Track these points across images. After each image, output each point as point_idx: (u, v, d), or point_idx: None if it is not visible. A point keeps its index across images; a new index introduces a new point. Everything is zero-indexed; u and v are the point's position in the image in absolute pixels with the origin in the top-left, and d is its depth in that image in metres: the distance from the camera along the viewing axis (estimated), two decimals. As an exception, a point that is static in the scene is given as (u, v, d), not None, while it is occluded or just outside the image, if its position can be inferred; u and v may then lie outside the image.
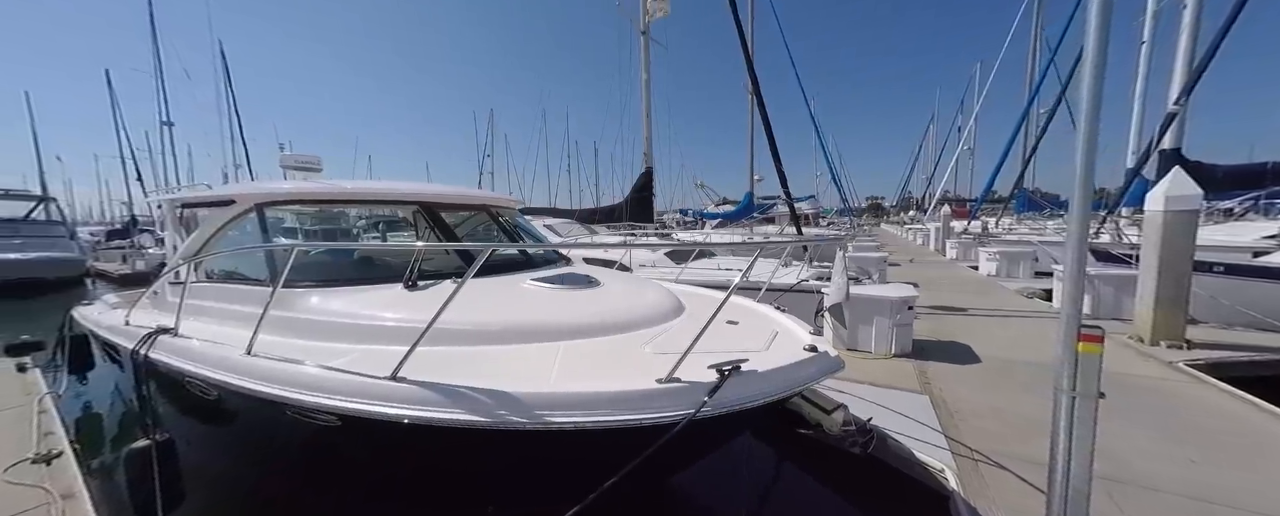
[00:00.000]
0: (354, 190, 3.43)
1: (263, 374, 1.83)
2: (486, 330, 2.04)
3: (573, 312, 2.29)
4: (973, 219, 16.18)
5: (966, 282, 8.88)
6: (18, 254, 11.81)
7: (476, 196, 4.06)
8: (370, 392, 1.60)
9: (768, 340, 2.19)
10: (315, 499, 2.47)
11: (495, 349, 1.97)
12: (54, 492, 2.31)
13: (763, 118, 6.76)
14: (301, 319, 2.25)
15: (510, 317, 2.16)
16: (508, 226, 4.05)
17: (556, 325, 2.13)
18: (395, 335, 2.01)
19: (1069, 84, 12.99)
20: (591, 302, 2.50)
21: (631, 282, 3.17)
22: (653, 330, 2.25)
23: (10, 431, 3.02)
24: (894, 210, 48.17)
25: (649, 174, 9.48)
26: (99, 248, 17.28)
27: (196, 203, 3.49)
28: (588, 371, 1.78)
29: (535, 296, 2.52)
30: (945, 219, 16.55)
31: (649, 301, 2.57)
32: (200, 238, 3.15)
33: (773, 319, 2.56)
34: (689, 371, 1.60)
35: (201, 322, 2.64)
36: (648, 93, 9.27)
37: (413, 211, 3.98)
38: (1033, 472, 2.25)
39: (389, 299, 2.39)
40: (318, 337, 2.15)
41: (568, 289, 2.62)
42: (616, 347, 2.02)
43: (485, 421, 1.48)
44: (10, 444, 2.83)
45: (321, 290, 2.45)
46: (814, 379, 1.87)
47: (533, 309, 2.33)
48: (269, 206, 3.03)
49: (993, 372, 3.87)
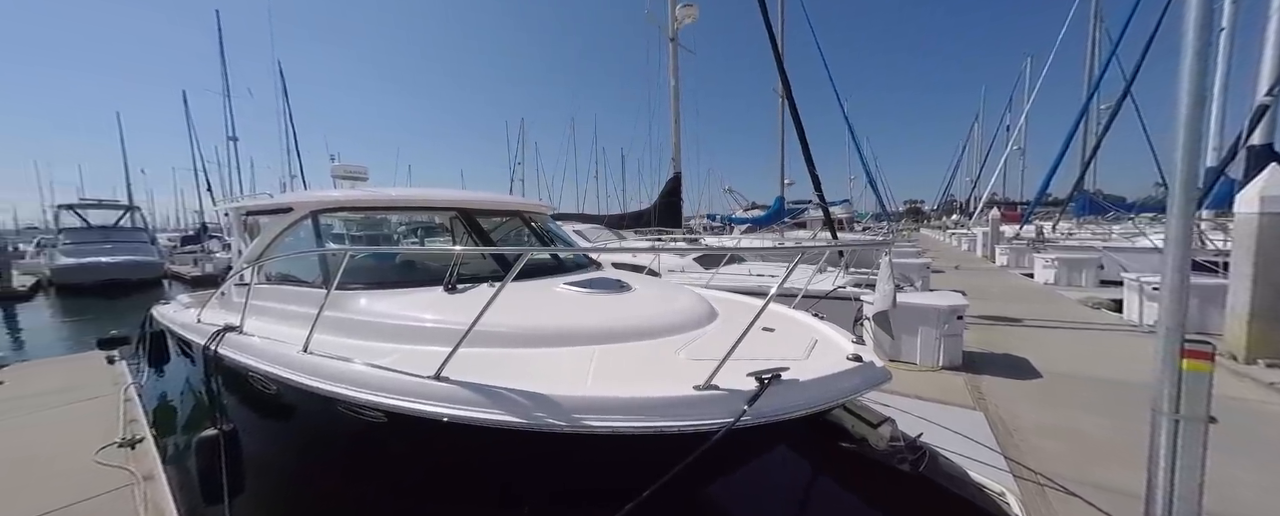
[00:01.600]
0: (398, 197, 3.60)
1: (318, 371, 1.93)
2: (523, 333, 2.07)
3: (606, 317, 2.30)
4: (1026, 223, 15.12)
5: (1021, 291, 8.28)
6: (109, 258, 13.20)
7: (510, 202, 4.18)
8: (415, 391, 1.65)
9: (807, 348, 2.11)
10: (363, 491, 2.57)
11: (531, 352, 1.99)
12: (137, 475, 2.52)
13: (794, 118, 6.60)
14: (351, 319, 2.36)
15: (545, 321, 2.19)
16: (540, 231, 4.13)
17: (590, 329, 2.14)
18: (437, 336, 2.09)
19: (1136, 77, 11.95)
20: (624, 307, 2.50)
21: (663, 288, 3.15)
22: (686, 336, 2.22)
23: (101, 417, 3.34)
24: (935, 214, 45.71)
25: (677, 179, 9.44)
26: (174, 252, 18.99)
27: (259, 210, 3.76)
28: (623, 376, 1.77)
29: (568, 300, 2.55)
30: (994, 223, 15.54)
31: (681, 307, 2.54)
32: (262, 242, 3.40)
33: (811, 327, 2.47)
34: (727, 379, 1.56)
35: (263, 321, 2.83)
36: (676, 98, 9.27)
37: (450, 217, 4.15)
38: (1112, 502, 2.04)
39: (430, 301, 2.48)
40: (366, 337, 2.26)
41: (600, 293, 2.63)
42: (650, 353, 2.00)
43: (523, 422, 1.50)
44: (101, 428, 3.12)
45: (369, 292, 2.57)
46: (859, 390, 1.78)
47: (566, 313, 2.36)
48: (322, 213, 3.23)
49: (1055, 388, 3.56)
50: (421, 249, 4.72)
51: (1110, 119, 12.89)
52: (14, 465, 2.67)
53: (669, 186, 9.33)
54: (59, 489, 2.37)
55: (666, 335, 2.19)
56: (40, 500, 2.27)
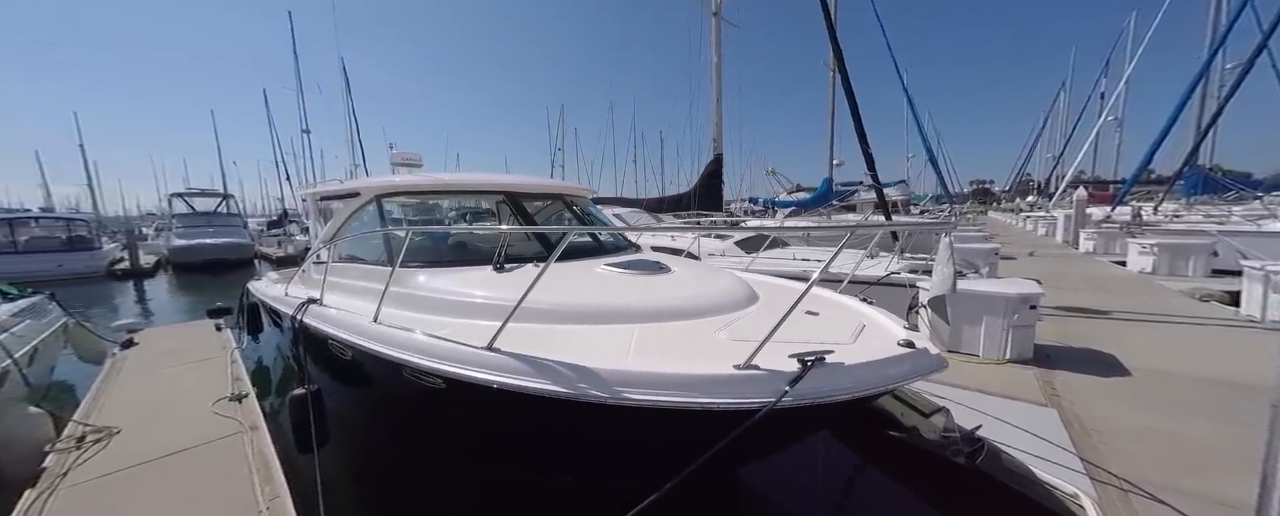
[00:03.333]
0: (451, 181, 3.80)
1: (385, 339, 2.12)
2: (566, 310, 2.15)
3: (645, 296, 2.34)
4: (1119, 204, 13.34)
5: (1109, 281, 7.39)
6: (211, 240, 15.05)
7: (552, 186, 4.28)
8: (469, 360, 1.77)
9: (854, 333, 2.03)
10: (424, 451, 2.83)
11: (574, 328, 2.07)
12: (244, 424, 2.93)
13: (847, 90, 6.17)
14: (412, 294, 2.56)
15: (587, 299, 2.26)
16: (580, 214, 4.21)
17: (631, 308, 2.18)
18: (488, 311, 2.23)
19: (1277, 28, 9.91)
20: (663, 288, 2.52)
21: (702, 270, 3.14)
22: (726, 317, 2.20)
23: (213, 375, 3.88)
24: (1007, 196, 41.29)
25: (718, 160, 9.18)
26: (261, 235, 21.32)
27: (331, 195, 4.11)
28: (663, 353, 1.80)
29: (609, 280, 2.60)
30: (1079, 204, 13.84)
31: (722, 288, 2.52)
32: (334, 225, 3.73)
33: (859, 311, 2.36)
34: (768, 360, 1.54)
35: (337, 295, 3.13)
36: (718, 76, 8.92)
37: (497, 201, 4.33)
38: (1210, 513, 1.83)
39: (481, 279, 2.63)
40: (425, 311, 2.45)
41: (640, 274, 2.66)
42: (690, 332, 2.01)
43: (567, 392, 1.57)
44: (214, 384, 3.63)
45: (427, 270, 2.76)
46: (910, 377, 1.69)
47: (607, 292, 2.41)
48: (385, 197, 3.48)
49: (1148, 388, 3.19)
50: (473, 229, 4.96)
51: (1239, 79, 10.89)
52: (153, 410, 3.18)
53: (710, 168, 9.09)
54: (187, 432, 2.81)
55: (706, 316, 2.19)
56: (175, 439, 2.71)
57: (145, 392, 3.54)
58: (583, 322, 2.10)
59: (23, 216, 14.56)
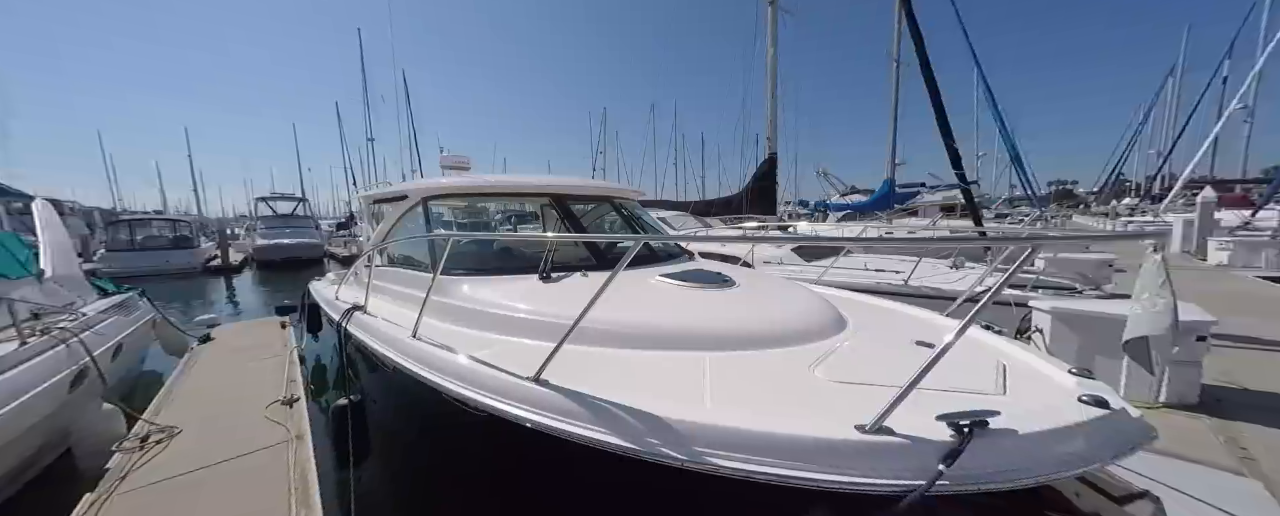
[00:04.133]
0: (497, 183, 3.64)
1: (424, 359, 1.92)
2: (622, 332, 1.83)
3: (714, 317, 1.98)
4: (1265, 207, 11.15)
5: (1266, 302, 6.03)
6: (288, 239, 16.45)
7: (600, 187, 4.03)
8: (514, 394, 1.50)
9: (996, 376, 1.55)
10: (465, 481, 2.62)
11: (632, 354, 1.75)
12: (291, 432, 2.88)
13: (928, 83, 5.44)
14: (455, 306, 2.36)
15: (645, 319, 1.93)
16: (629, 217, 3.91)
17: (698, 331, 1.82)
18: (534, 328, 1.99)
19: None
20: (732, 306, 2.15)
21: (771, 284, 2.71)
22: (816, 346, 1.79)
23: (273, 375, 3.96)
24: (1099, 197, 36.28)
25: (772, 160, 8.57)
26: (331, 236, 23.15)
27: (382, 198, 4.10)
28: (747, 397, 1.43)
29: (667, 295, 2.26)
30: (1206, 208, 11.71)
31: (802, 307, 2.10)
32: (383, 228, 3.68)
33: (993, 346, 1.85)
34: (902, 420, 1.12)
35: (383, 301, 3.04)
36: (773, 70, 8.35)
37: (542, 204, 4.14)
38: None
39: (526, 290, 2.38)
40: (468, 325, 2.23)
41: (701, 288, 2.30)
42: (775, 366, 1.62)
43: (633, 448, 1.24)
44: (271, 385, 3.69)
45: (471, 279, 2.57)
46: (1115, 453, 1.20)
47: (667, 310, 2.08)
48: (432, 199, 3.37)
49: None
50: (518, 236, 4.82)
51: None
52: (212, 411, 3.23)
53: (763, 168, 8.50)
54: (237, 438, 2.79)
55: (790, 344, 1.79)
56: (224, 446, 2.69)
57: (209, 391, 3.65)
58: (642, 347, 1.77)
59: (141, 218, 16.74)
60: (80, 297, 3.89)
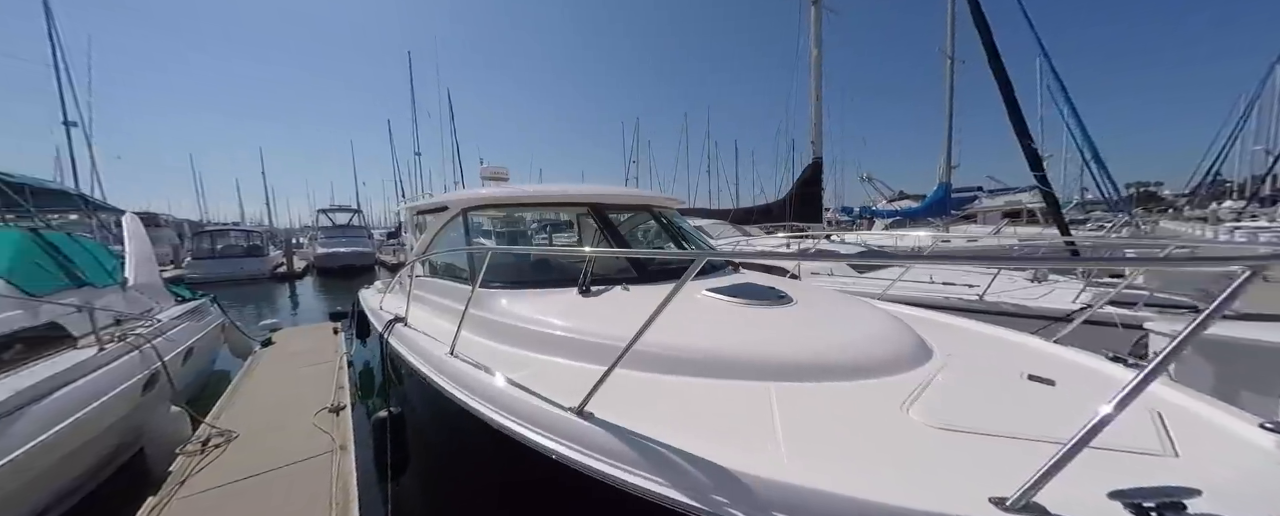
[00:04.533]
0: (534, 193, 3.59)
1: (460, 379, 1.83)
2: (675, 356, 1.65)
3: (779, 340, 1.75)
4: None
5: None
6: (344, 248, 17.61)
7: (639, 196, 3.90)
8: (557, 427, 1.35)
9: (1153, 427, 1.22)
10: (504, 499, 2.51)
11: (686, 382, 1.56)
12: (335, 442, 2.90)
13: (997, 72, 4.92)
14: (493, 321, 2.28)
15: (701, 342, 1.73)
16: (669, 226, 3.75)
17: (763, 357, 1.61)
18: (574, 348, 1.86)
19: None
20: (797, 327, 1.91)
21: (833, 300, 2.43)
22: (902, 379, 1.53)
23: (324, 382, 4.08)
24: (1194, 200, 31.85)
25: (817, 165, 8.12)
26: (382, 245, 24.60)
27: (425, 209, 4.17)
28: (828, 442, 1.20)
29: (718, 312, 2.06)
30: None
31: (879, 331, 1.83)
32: (425, 239, 3.72)
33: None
34: (1054, 493, 0.87)
35: (424, 312, 3.03)
36: (818, 71, 7.95)
37: (579, 214, 4.07)
38: None
39: (566, 305, 2.26)
40: (506, 341, 2.14)
41: (756, 305, 2.08)
42: (857, 404, 1.38)
43: (693, 506, 1.05)
44: (322, 392, 3.79)
45: (509, 292, 2.49)
46: None
47: (723, 330, 1.87)
48: (471, 210, 3.36)
49: None
50: (557, 250, 4.75)
51: None
52: (266, 416, 3.34)
53: (806, 174, 8.06)
54: (286, 446, 2.84)
55: (871, 375, 1.53)
56: (273, 454, 2.73)
57: (265, 395, 3.80)
58: (696, 375, 1.58)
59: (221, 229, 18.53)
60: (158, 304, 4.21)
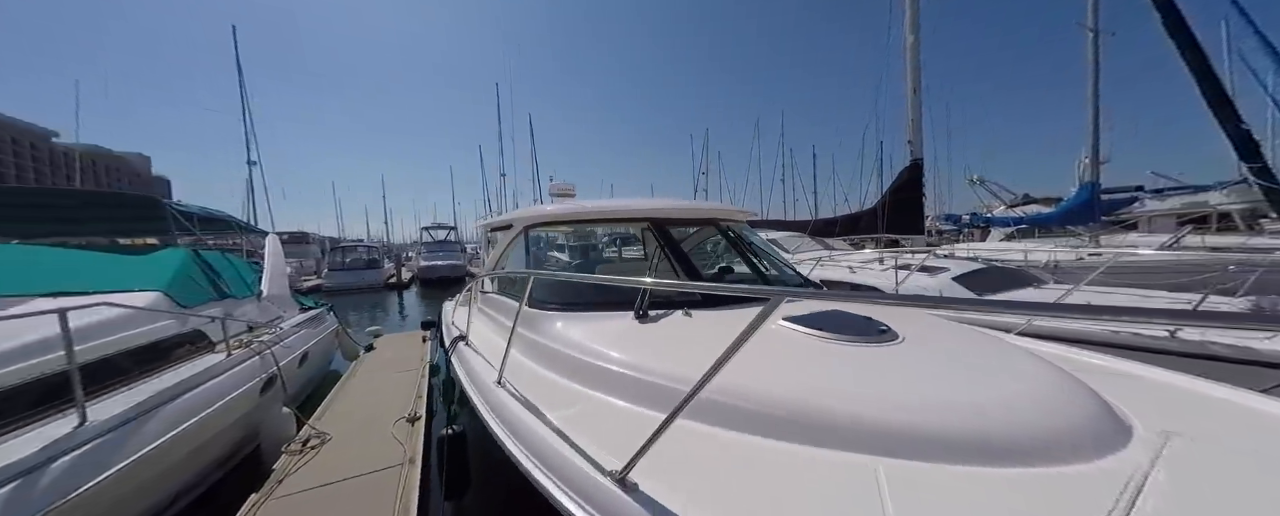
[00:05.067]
0: (596, 209, 3.50)
1: (504, 416, 1.71)
2: (742, 407, 1.33)
3: (884, 395, 1.32)
4: None
5: None
6: (441, 261, 19.75)
7: (704, 209, 3.61)
8: (593, 498, 1.12)
9: None
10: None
11: (756, 444, 1.24)
12: (406, 455, 3.00)
13: (1183, 42, 3.77)
14: (543, 344, 2.16)
15: (775, 392, 1.37)
16: (737, 240, 3.39)
17: (861, 421, 1.21)
18: (628, 388, 1.62)
19: None
20: (910, 376, 1.45)
21: (957, 336, 1.88)
22: (1082, 470, 1.04)
23: (407, 390, 4.37)
24: None
25: (917, 168, 7.02)
26: (472, 258, 27.22)
27: (496, 226, 4.33)
28: None
29: (798, 349, 1.67)
30: None
31: (1038, 390, 1.31)
32: (494, 255, 3.82)
33: None
34: None
35: (486, 329, 3.05)
36: (915, 60, 6.94)
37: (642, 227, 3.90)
38: None
39: (620, 332, 2.05)
40: (556, 370, 1.99)
41: (849, 341, 1.65)
42: (1015, 507, 0.94)
43: None
44: (403, 400, 4.04)
45: (563, 315, 2.36)
46: None
47: (806, 376, 1.48)
48: (533, 227, 3.37)
49: None
50: (608, 278, 4.63)
51: None
52: (355, 421, 3.61)
53: (903, 177, 7.01)
54: (366, 454, 3.00)
55: (1031, 460, 1.06)
56: (354, 461, 2.90)
57: (358, 400, 4.16)
58: (768, 435, 1.25)
59: (350, 245, 22.01)
60: (284, 313, 4.89)
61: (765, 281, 2.85)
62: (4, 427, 1.87)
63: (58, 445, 1.85)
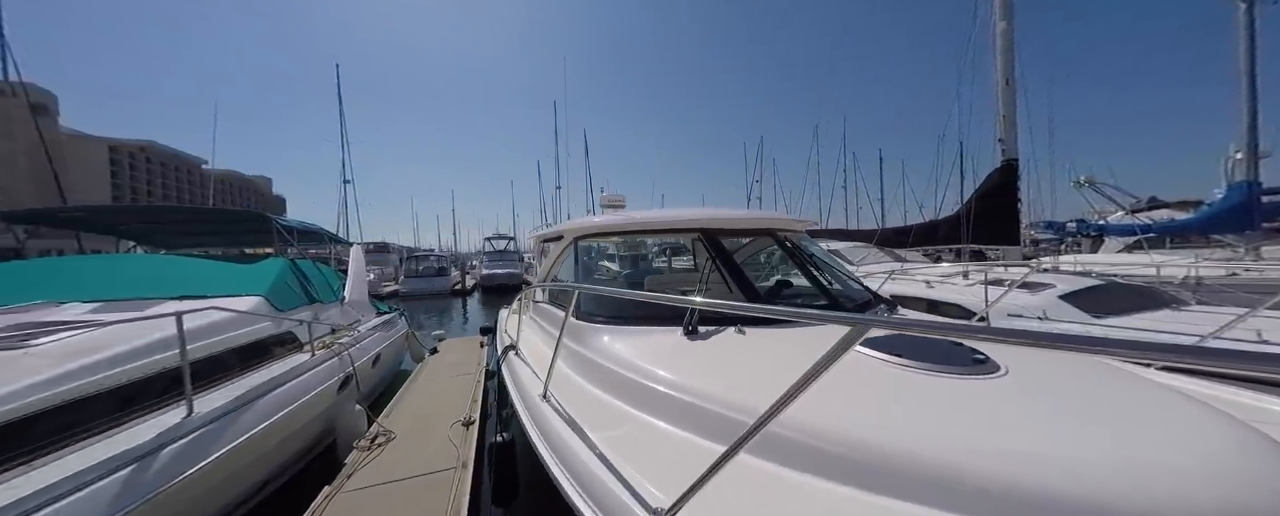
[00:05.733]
0: (643, 219, 3.43)
1: (547, 433, 1.66)
2: (808, 444, 1.16)
3: (990, 444, 1.07)
4: None
5: None
6: (501, 270, 20.94)
7: (759, 219, 3.39)
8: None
9: None
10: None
11: (823, 490, 1.06)
12: (459, 458, 3.08)
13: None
14: (589, 358, 2.10)
15: (851, 430, 1.16)
16: (797, 252, 3.13)
17: (964, 473, 0.99)
18: (675, 411, 1.51)
19: None
20: (1023, 420, 1.17)
21: (1079, 373, 1.53)
22: None
23: (463, 393, 4.56)
24: None
25: (1011, 169, 6.15)
26: (528, 267, 28.57)
27: (547, 237, 4.42)
28: None
29: (875, 378, 1.44)
30: None
31: (1212, 452, 1.00)
32: (546, 266, 3.89)
33: None
34: None
35: (536, 338, 3.08)
36: (1006, 45, 6.15)
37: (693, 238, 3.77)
38: None
39: (669, 350, 1.94)
40: (601, 386, 1.92)
41: (938, 372, 1.40)
42: None
43: None
44: (460, 403, 4.21)
45: (610, 328, 2.30)
46: None
47: (889, 412, 1.26)
48: (583, 238, 3.37)
49: None
50: (654, 296, 4.49)
51: None
52: (416, 421, 3.80)
53: (993, 181, 6.16)
54: (423, 455, 3.13)
55: None
56: (412, 461, 3.03)
57: (421, 401, 4.40)
58: (840, 480, 1.07)
59: (423, 254, 24.08)
60: (362, 317, 5.35)
61: (829, 297, 2.59)
62: (127, 416, 2.17)
63: (169, 432, 2.11)
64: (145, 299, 3.04)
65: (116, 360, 2.25)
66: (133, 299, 3.09)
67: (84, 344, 2.25)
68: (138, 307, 2.90)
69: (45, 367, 2.00)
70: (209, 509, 2.38)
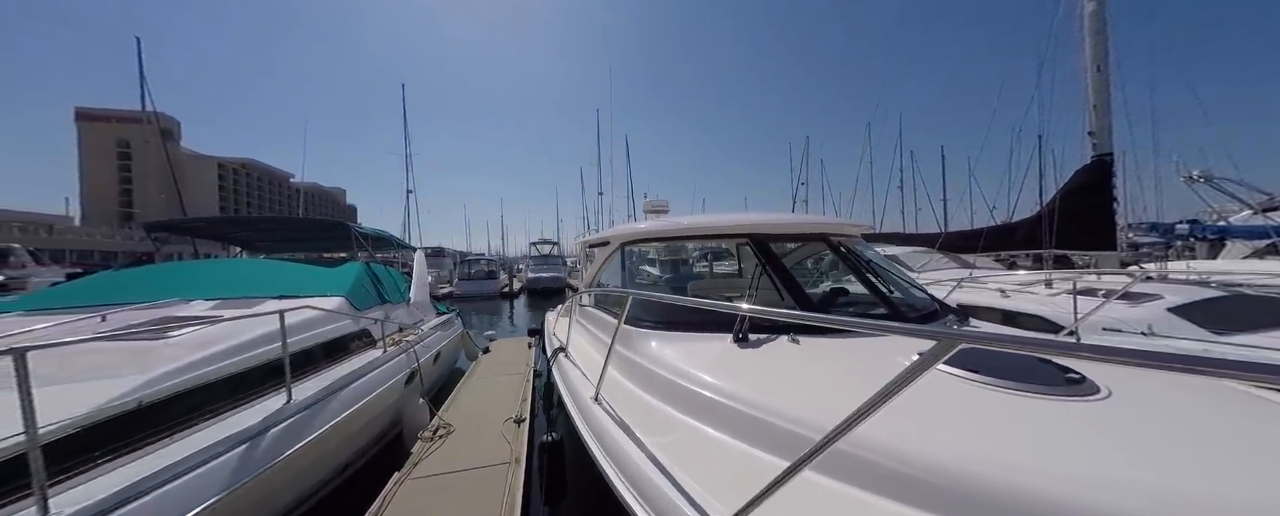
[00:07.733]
0: (690, 225, 3.44)
1: (599, 434, 1.72)
2: (882, 465, 1.11)
3: (1099, 475, 0.96)
4: None
5: None
6: (546, 274, 21.73)
7: (810, 223, 3.28)
8: None
9: None
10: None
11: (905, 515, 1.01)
12: (512, 454, 3.24)
13: None
14: (638, 363, 2.15)
15: (936, 455, 1.08)
16: (853, 258, 3.00)
17: (1066, 510, 0.90)
18: (725, 419, 1.51)
19: None
20: (1141, 454, 1.05)
21: (1195, 392, 1.36)
22: None
23: (514, 391, 4.78)
24: None
25: (1103, 166, 5.48)
26: (571, 272, 29.33)
27: (593, 243, 4.54)
28: None
29: (950, 397, 1.35)
30: None
31: None
32: (591, 271, 4.00)
33: None
34: None
35: (584, 342, 3.17)
36: (1098, 26, 5.50)
37: (739, 243, 3.72)
38: None
39: (718, 356, 1.95)
40: (650, 392, 1.96)
41: (1027, 393, 1.29)
42: None
43: None
44: (511, 401, 4.41)
45: (659, 333, 2.33)
46: None
47: (978, 436, 1.15)
48: (629, 243, 3.44)
49: None
50: (706, 303, 4.45)
51: None
52: (471, 417, 4.03)
53: (1082, 178, 5.49)
54: (479, 448, 3.32)
55: None
56: (470, 454, 3.22)
57: (476, 398, 4.66)
58: (922, 507, 1.02)
59: (474, 258, 25.53)
60: (425, 317, 5.77)
61: (889, 306, 2.45)
62: (237, 401, 2.49)
63: (273, 417, 2.40)
64: (252, 298, 3.49)
65: (234, 351, 2.60)
66: (242, 298, 3.56)
67: (210, 336, 2.63)
68: (246, 305, 3.34)
69: (183, 356, 2.37)
70: (301, 487, 2.68)
